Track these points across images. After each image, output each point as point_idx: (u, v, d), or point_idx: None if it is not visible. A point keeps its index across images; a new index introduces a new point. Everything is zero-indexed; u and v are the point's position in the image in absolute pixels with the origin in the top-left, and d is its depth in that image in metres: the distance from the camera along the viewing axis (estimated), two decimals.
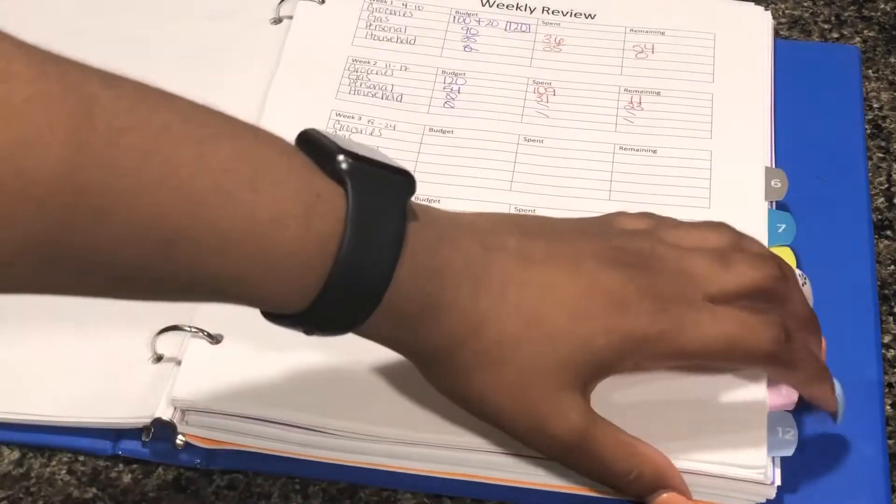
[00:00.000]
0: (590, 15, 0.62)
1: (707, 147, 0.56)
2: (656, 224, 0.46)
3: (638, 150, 0.56)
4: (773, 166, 0.55)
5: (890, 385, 0.51)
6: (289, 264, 0.37)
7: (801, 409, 0.47)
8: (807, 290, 0.48)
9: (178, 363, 0.48)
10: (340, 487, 0.48)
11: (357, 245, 0.37)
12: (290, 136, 0.55)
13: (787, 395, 0.46)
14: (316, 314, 0.39)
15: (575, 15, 0.62)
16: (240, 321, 0.49)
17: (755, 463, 0.45)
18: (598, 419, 0.43)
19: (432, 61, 0.60)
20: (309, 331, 0.40)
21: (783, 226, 0.52)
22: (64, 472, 0.48)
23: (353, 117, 0.57)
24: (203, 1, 0.63)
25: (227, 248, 0.36)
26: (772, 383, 0.47)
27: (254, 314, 0.49)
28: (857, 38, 0.64)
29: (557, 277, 0.42)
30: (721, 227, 0.46)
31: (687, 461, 0.45)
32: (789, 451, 0.45)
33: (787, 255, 0.51)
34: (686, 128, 0.57)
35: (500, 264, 0.41)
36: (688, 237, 0.45)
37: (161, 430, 0.47)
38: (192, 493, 0.47)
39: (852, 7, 0.66)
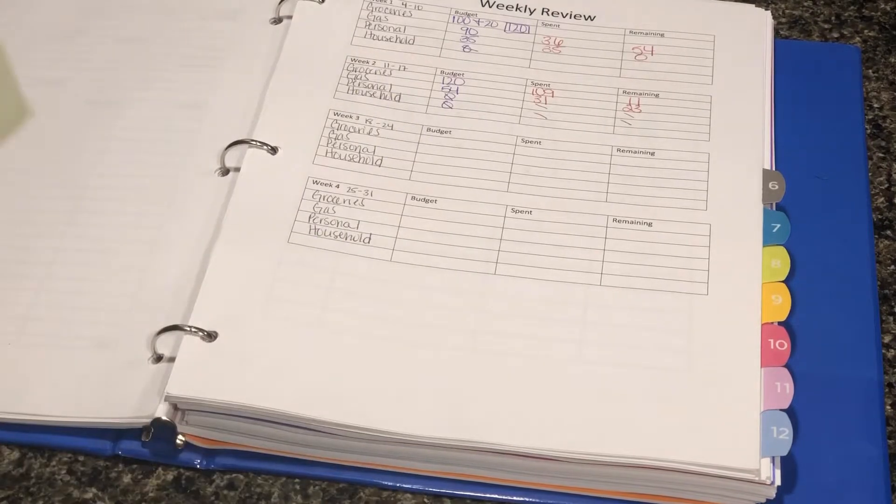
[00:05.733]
0: (589, 17, 0.62)
1: (705, 149, 0.56)
2: None
3: (636, 152, 0.56)
4: (773, 167, 0.55)
5: (890, 385, 0.51)
6: None
7: (799, 409, 0.47)
8: None
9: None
10: (340, 487, 0.48)
11: None
12: (287, 135, 0.56)
13: (781, 395, 0.46)
14: None
15: (574, 16, 0.62)
16: (236, 318, 0.49)
17: (748, 464, 0.45)
18: None
19: (431, 61, 0.60)
20: None
21: (777, 225, 0.52)
22: (64, 472, 0.48)
23: (350, 117, 0.57)
24: (203, 1, 0.64)
25: None
26: (766, 382, 0.47)
27: (251, 311, 0.49)
28: (857, 38, 0.64)
29: None
30: None
31: (680, 461, 0.45)
32: (784, 451, 0.45)
33: (781, 255, 0.51)
34: (684, 130, 0.57)
35: None
36: None
37: (161, 430, 0.47)
38: (192, 493, 0.48)
39: (852, 7, 0.66)
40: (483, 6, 0.62)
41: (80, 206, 0.55)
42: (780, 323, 0.49)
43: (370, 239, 0.52)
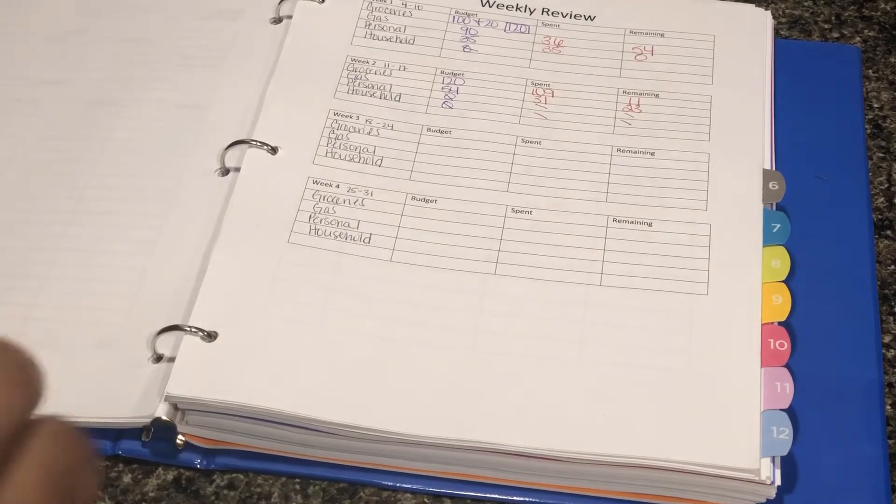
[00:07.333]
0: (589, 16, 0.62)
1: (705, 149, 0.56)
2: None
3: (636, 153, 0.56)
4: (773, 168, 0.55)
5: (890, 385, 0.51)
6: None
7: (798, 409, 0.47)
8: None
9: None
10: (340, 487, 0.48)
11: None
12: (287, 135, 0.56)
13: (781, 395, 0.46)
14: None
15: (574, 16, 0.62)
16: (236, 318, 0.49)
17: (748, 464, 0.45)
18: None
19: (431, 61, 0.60)
20: None
21: (777, 225, 0.52)
22: None
23: (351, 117, 0.57)
24: (203, 1, 0.64)
25: None
26: (766, 382, 0.47)
27: (251, 311, 0.49)
28: (858, 38, 0.64)
29: None
30: None
31: (680, 461, 0.45)
32: (784, 451, 0.45)
33: (781, 255, 0.51)
34: (684, 130, 0.57)
35: None
36: None
37: (161, 430, 0.47)
38: (192, 493, 0.48)
39: (852, 7, 0.66)
40: (483, 6, 0.62)
41: (81, 206, 0.55)
42: (780, 323, 0.49)
43: (370, 239, 0.52)
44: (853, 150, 0.58)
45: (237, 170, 0.55)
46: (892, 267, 0.55)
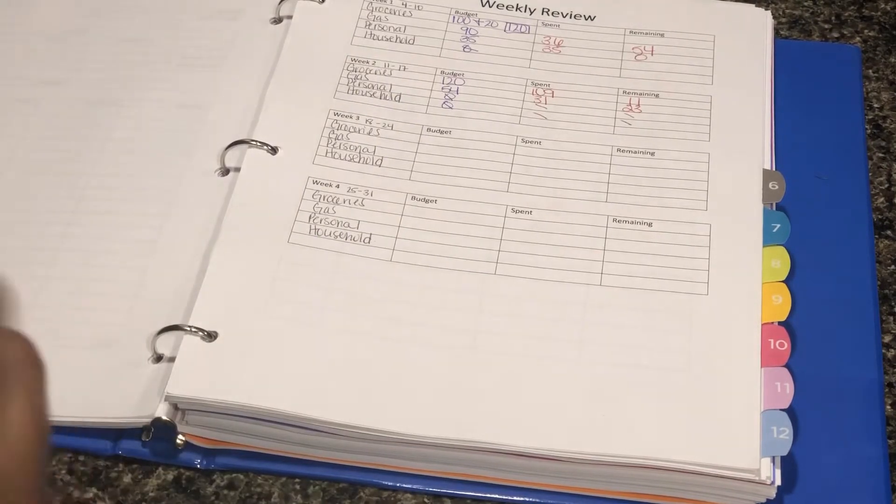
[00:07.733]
0: (589, 16, 0.62)
1: (705, 149, 0.56)
2: None
3: (636, 153, 0.56)
4: (773, 168, 0.55)
5: (890, 385, 0.51)
6: None
7: (798, 409, 0.47)
8: None
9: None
10: (340, 487, 0.48)
11: None
12: (287, 135, 0.56)
13: (781, 395, 0.46)
14: None
15: (574, 16, 0.62)
16: (236, 318, 0.49)
17: (748, 464, 0.45)
18: None
19: (431, 61, 0.60)
20: None
21: (777, 225, 0.52)
22: (64, 471, 0.48)
23: (351, 117, 0.57)
24: (203, 1, 0.64)
25: None
26: (766, 382, 0.47)
27: (250, 311, 0.49)
28: (858, 38, 0.64)
29: None
30: None
31: (680, 461, 0.45)
32: (784, 451, 0.45)
33: (781, 255, 0.51)
34: (684, 130, 0.57)
35: None
36: None
37: (161, 429, 0.47)
38: (192, 493, 0.48)
39: (852, 7, 0.66)
40: (483, 6, 0.62)
41: (81, 206, 0.55)
42: (780, 323, 0.49)
43: (370, 239, 0.52)
44: (853, 150, 0.58)
45: (237, 170, 0.55)
46: (892, 267, 0.55)
